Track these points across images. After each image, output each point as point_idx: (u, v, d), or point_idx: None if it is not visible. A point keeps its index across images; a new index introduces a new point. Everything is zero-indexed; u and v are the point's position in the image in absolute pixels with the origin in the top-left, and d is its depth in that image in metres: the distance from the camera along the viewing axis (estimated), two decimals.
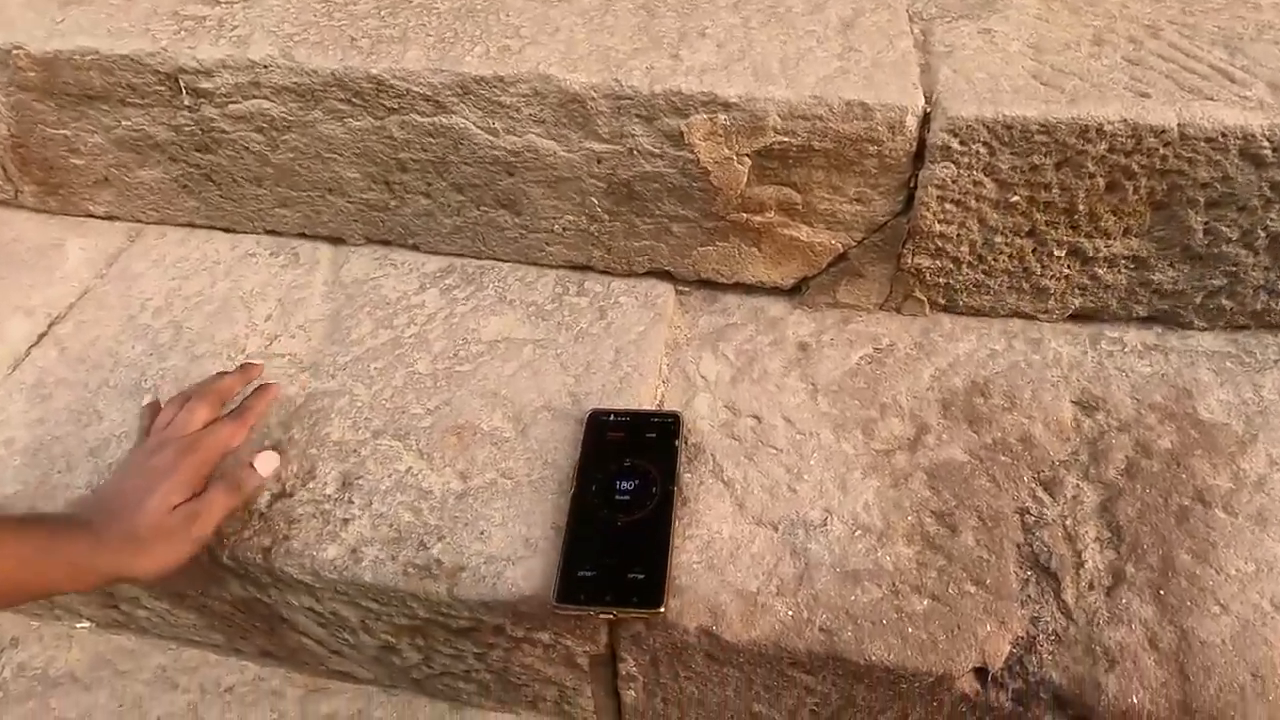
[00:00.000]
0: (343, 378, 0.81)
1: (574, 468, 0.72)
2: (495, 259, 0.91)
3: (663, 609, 0.62)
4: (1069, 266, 0.79)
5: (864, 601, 0.64)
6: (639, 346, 0.82)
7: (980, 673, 0.61)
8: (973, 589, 0.64)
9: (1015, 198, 0.74)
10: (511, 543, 0.68)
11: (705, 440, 0.75)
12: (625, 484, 0.70)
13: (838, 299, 0.85)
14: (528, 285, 0.89)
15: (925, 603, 0.63)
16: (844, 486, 0.71)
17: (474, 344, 0.83)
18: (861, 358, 0.81)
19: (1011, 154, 0.71)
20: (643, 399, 0.78)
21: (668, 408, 0.78)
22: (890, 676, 0.62)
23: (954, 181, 0.73)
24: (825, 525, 0.69)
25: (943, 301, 0.84)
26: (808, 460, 0.73)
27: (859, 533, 0.68)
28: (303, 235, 0.94)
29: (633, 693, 0.73)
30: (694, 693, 0.71)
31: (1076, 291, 0.81)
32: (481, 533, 0.69)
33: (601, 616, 0.65)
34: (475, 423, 0.77)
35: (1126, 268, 0.78)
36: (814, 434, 0.75)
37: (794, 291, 0.87)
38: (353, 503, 0.71)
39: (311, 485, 0.72)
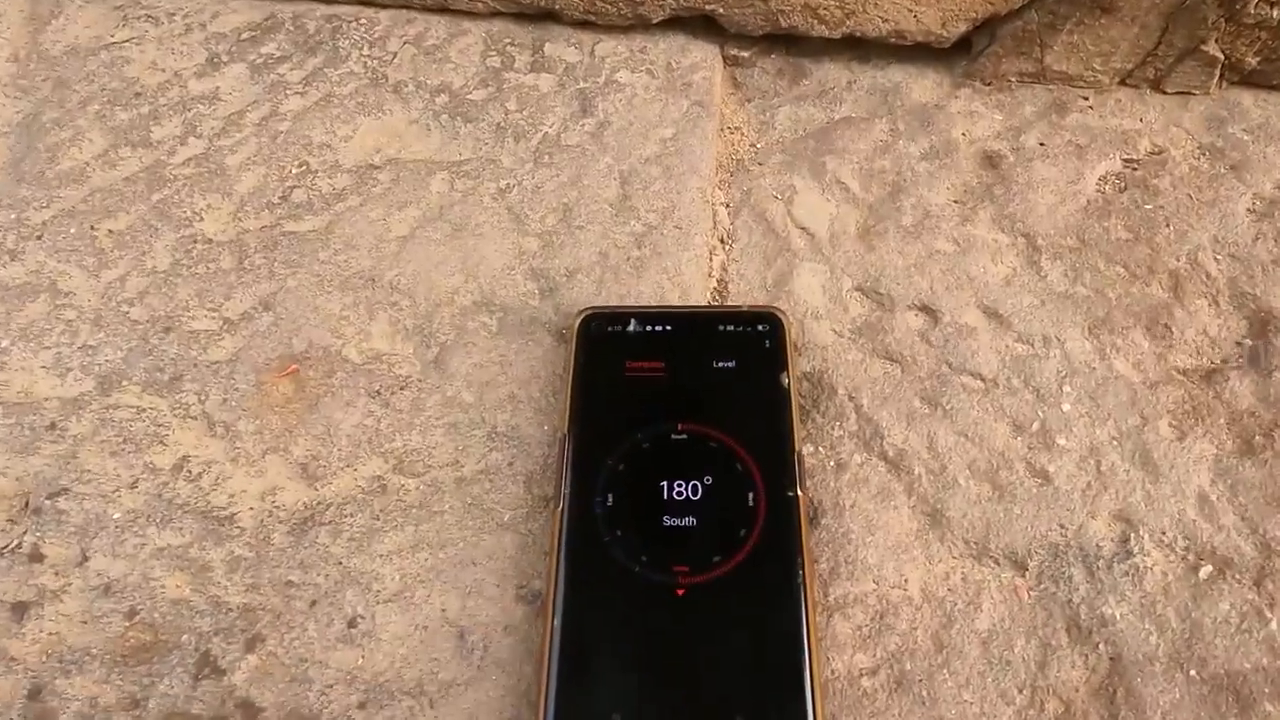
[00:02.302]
0: (40, 255, 0.38)
1: (556, 451, 0.32)
2: (362, 1, 0.46)
3: None
4: None
5: None
6: (667, 170, 0.41)
7: None
8: None
9: None
10: (407, 655, 0.29)
11: (832, 366, 0.35)
12: (680, 488, 0.30)
13: (1045, 64, 0.44)
14: (431, 53, 0.44)
15: None
16: (1148, 462, 0.33)
17: (323, 176, 0.40)
18: (1109, 179, 0.41)
19: None
20: (688, 279, 0.37)
21: (743, 299, 0.37)
22: None
23: None
24: (1130, 551, 0.31)
25: (1253, 63, 0.43)
26: (1054, 401, 0.34)
27: (1207, 567, 0.30)
28: None
29: None
30: None
31: None
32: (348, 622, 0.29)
33: None
34: (329, 348, 0.35)
35: None
36: (1051, 340, 0.36)
37: (956, 52, 0.45)
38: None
39: None
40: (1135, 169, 0.42)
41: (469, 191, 0.40)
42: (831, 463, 0.33)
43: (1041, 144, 0.42)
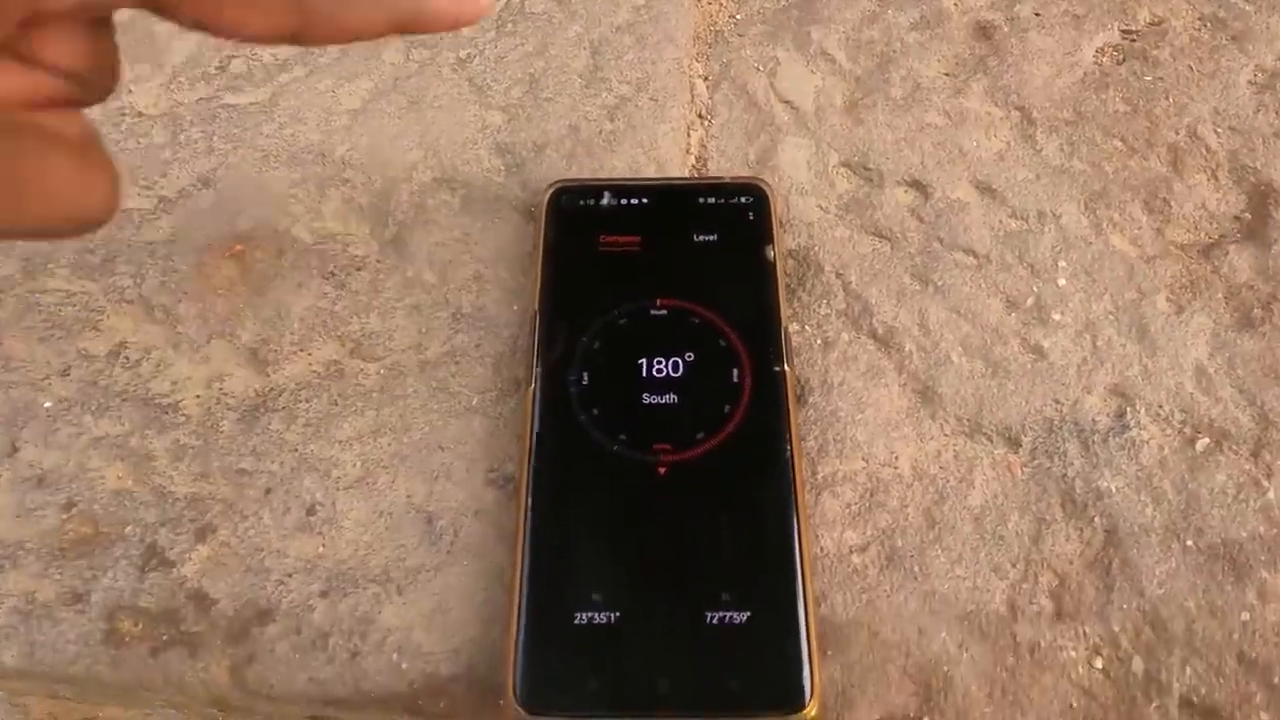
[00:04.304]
0: None
1: (526, 330, 0.29)
2: None
3: (806, 710, 0.24)
4: None
5: None
6: (641, 39, 0.38)
7: None
8: None
9: None
10: (389, 545, 0.27)
11: (819, 243, 0.33)
12: (659, 365, 0.28)
13: None
14: None
15: None
16: (1145, 336, 0.31)
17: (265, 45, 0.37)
18: (1106, 50, 0.39)
19: None
20: (664, 154, 0.35)
21: (723, 170, 0.35)
22: None
23: None
24: (1126, 425, 0.30)
25: None
26: (1049, 277, 0.33)
27: (1204, 440, 0.29)
28: None
29: None
30: None
31: None
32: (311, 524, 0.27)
33: None
34: (276, 227, 0.32)
35: None
36: (1046, 215, 0.34)
37: None
38: None
39: None
40: (1134, 40, 0.39)
41: (426, 62, 0.37)
42: (819, 341, 0.31)
43: (1037, 14, 0.40)
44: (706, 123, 0.37)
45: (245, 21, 0.17)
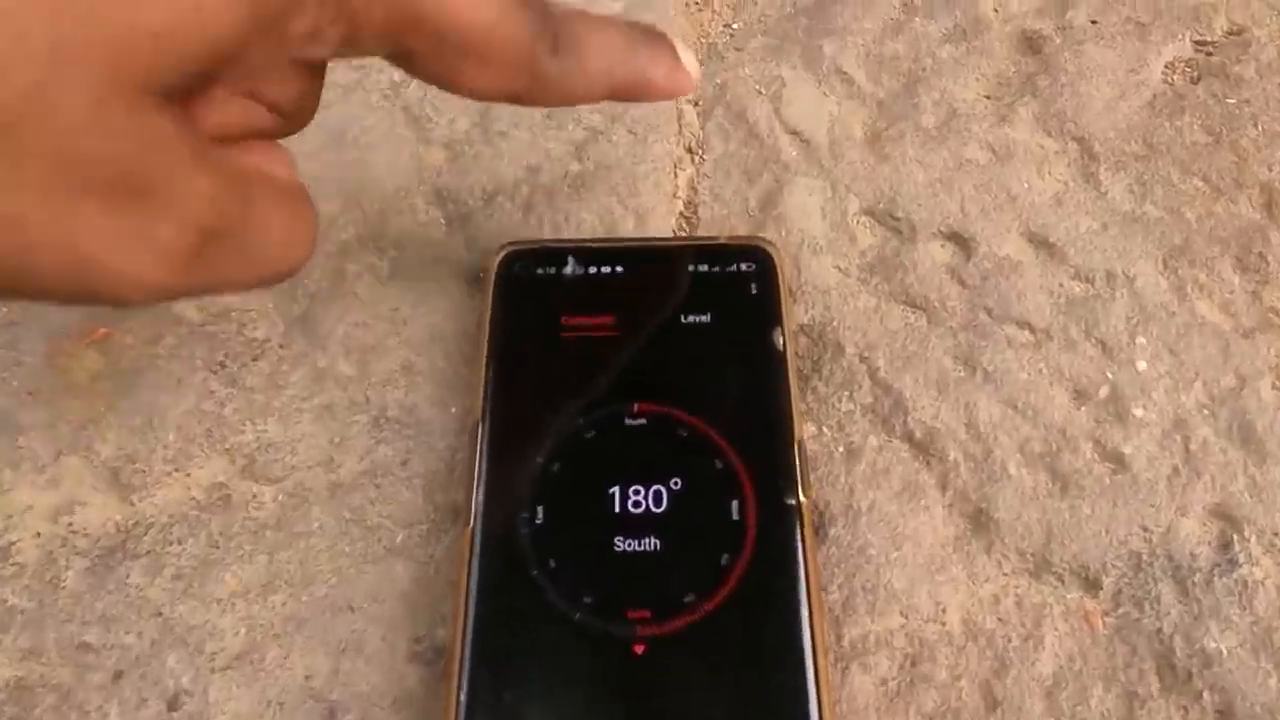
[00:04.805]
0: None
1: (466, 444, 0.23)
2: None
3: None
4: None
5: None
6: None
7: None
8: None
9: None
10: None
11: (838, 316, 0.27)
12: (637, 496, 0.22)
13: None
14: None
15: None
16: (1250, 438, 0.25)
17: None
18: (1177, 65, 0.32)
19: None
20: (645, 202, 0.28)
21: (720, 227, 0.28)
22: None
23: None
24: (1235, 560, 0.23)
25: None
26: (1126, 357, 0.26)
27: None
28: None
29: None
30: None
31: None
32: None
33: None
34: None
35: None
36: (1117, 276, 0.28)
37: None
38: None
39: None
40: (1210, 53, 0.33)
41: (351, 86, 0.30)
42: (841, 448, 0.25)
43: (1094, 22, 0.33)
44: (697, 159, 0.30)
45: (479, 79, 0.18)
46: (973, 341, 0.26)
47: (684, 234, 0.28)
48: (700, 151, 0.30)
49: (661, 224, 0.28)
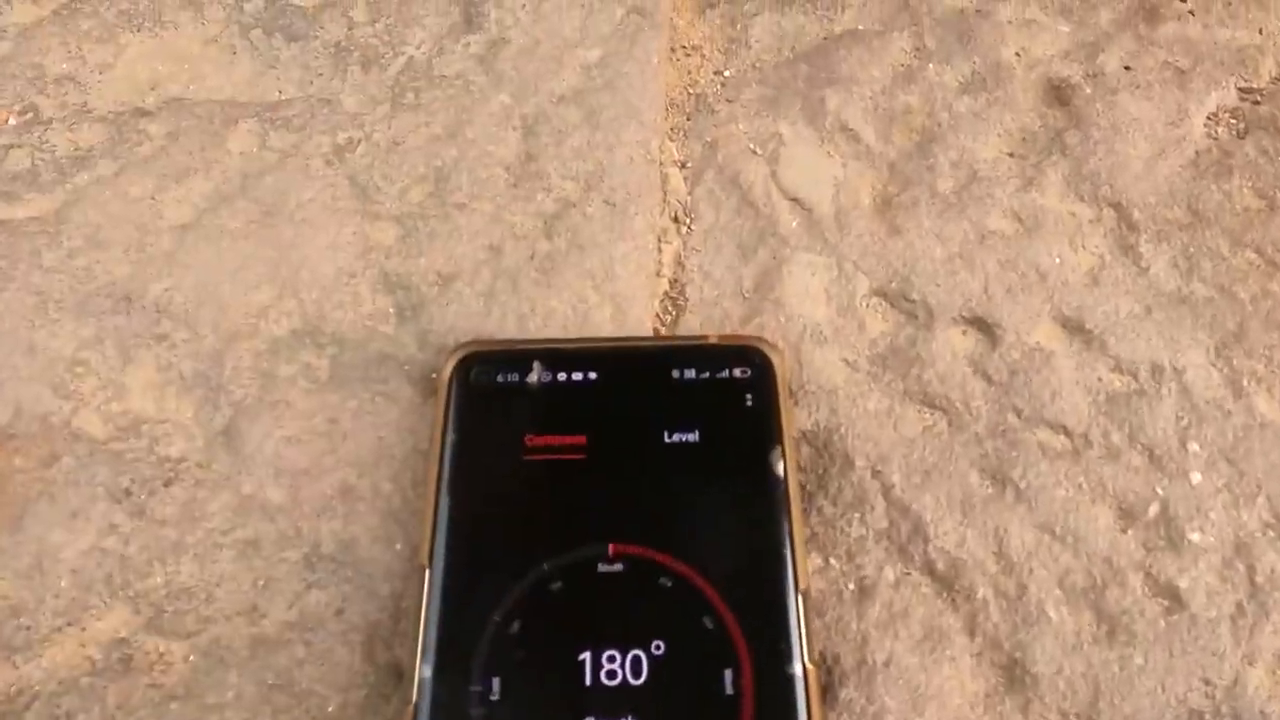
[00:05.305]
0: None
1: (413, 591, 0.19)
2: None
3: None
4: None
5: None
6: (592, 113, 0.27)
7: None
8: None
9: None
10: None
11: (845, 420, 0.23)
12: (612, 662, 0.18)
13: None
14: None
15: None
16: None
17: (60, 128, 0.26)
18: (1221, 117, 0.29)
19: None
20: (625, 286, 0.24)
21: (710, 312, 0.25)
22: None
23: None
24: None
25: None
26: (1177, 467, 0.23)
27: None
28: None
29: None
30: None
31: None
32: None
33: None
34: (49, 415, 0.22)
35: None
36: (1163, 369, 0.24)
37: None
38: None
39: None
40: (1258, 102, 0.29)
41: (290, 151, 0.26)
42: (851, 585, 0.21)
43: (1127, 68, 0.30)
44: (684, 230, 0.26)
45: None
46: (1001, 451, 0.23)
47: (669, 316, 0.25)
48: (688, 221, 0.27)
49: (642, 312, 0.24)
